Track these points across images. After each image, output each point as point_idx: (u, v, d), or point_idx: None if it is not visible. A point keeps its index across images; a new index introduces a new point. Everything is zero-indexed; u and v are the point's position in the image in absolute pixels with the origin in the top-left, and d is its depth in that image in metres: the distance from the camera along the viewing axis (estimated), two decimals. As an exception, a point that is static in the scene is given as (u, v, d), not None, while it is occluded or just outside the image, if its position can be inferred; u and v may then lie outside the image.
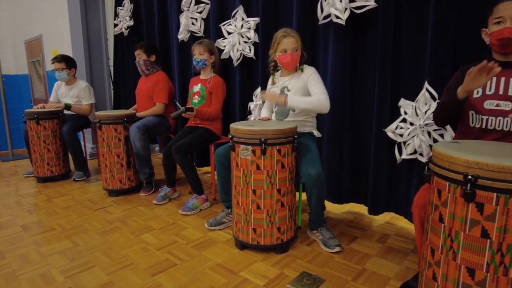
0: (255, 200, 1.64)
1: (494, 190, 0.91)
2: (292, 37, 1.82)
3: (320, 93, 1.77)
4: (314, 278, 1.48)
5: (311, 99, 1.76)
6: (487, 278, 0.95)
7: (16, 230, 2.02)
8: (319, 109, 1.76)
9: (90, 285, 1.45)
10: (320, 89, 1.79)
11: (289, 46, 1.83)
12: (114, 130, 2.53)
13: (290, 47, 1.83)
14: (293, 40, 1.82)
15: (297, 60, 1.86)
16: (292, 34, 1.83)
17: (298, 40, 1.83)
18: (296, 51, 1.84)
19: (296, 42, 1.82)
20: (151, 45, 2.86)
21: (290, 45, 1.82)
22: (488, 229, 0.93)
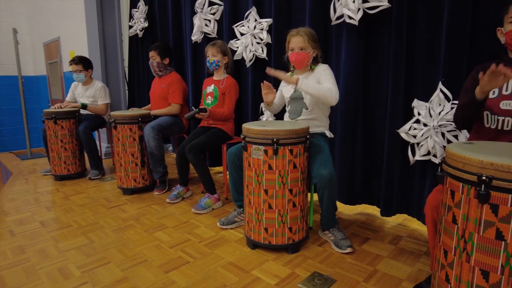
0: (266, 200, 1.66)
1: (509, 191, 0.90)
2: (300, 36, 1.83)
3: (331, 85, 1.77)
4: (326, 278, 1.49)
5: (322, 87, 1.75)
6: (502, 280, 0.94)
7: (35, 226, 2.08)
8: (327, 98, 1.73)
9: (105, 280, 1.49)
10: (331, 83, 1.78)
11: (296, 45, 1.83)
12: (129, 129, 2.58)
13: (297, 46, 1.83)
14: (300, 39, 1.82)
15: (304, 59, 1.85)
16: (301, 33, 1.83)
17: (306, 40, 1.81)
18: (303, 50, 1.84)
19: (304, 41, 1.81)
20: (165, 47, 2.88)
21: (297, 44, 1.83)
22: (503, 230, 0.92)
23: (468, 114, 1.34)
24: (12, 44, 5.29)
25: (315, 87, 1.74)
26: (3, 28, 5.60)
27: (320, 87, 1.75)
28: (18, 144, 5.94)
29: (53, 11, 5.00)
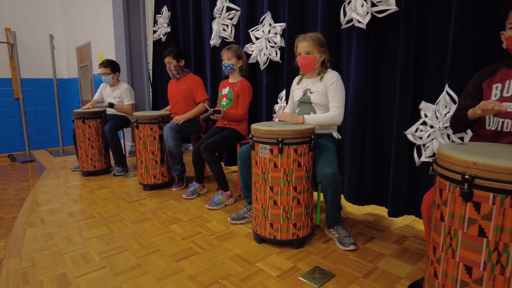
0: (272, 197, 1.74)
1: (490, 190, 0.94)
2: (306, 41, 1.90)
3: (336, 107, 1.87)
4: (326, 273, 1.55)
5: (325, 116, 1.87)
6: (484, 276, 0.97)
7: (63, 216, 2.28)
8: (332, 124, 1.90)
9: (121, 266, 1.63)
10: (338, 103, 1.87)
11: (302, 50, 1.91)
12: (149, 129, 2.75)
13: (303, 51, 1.90)
14: (306, 44, 1.89)
15: (310, 63, 1.91)
16: (307, 38, 1.90)
17: (312, 44, 1.88)
18: (309, 55, 1.90)
19: (309, 46, 1.88)
20: (178, 50, 3.03)
21: (303, 49, 1.90)
22: (485, 228, 0.96)
23: (459, 124, 1.38)
24: (49, 49, 5.68)
25: (319, 119, 1.87)
26: (41, 34, 6.03)
27: (324, 118, 1.87)
28: (53, 142, 6.36)
29: (84, 17, 5.33)
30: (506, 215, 0.92)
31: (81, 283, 1.50)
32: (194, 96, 2.98)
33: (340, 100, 1.87)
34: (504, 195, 0.92)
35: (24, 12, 5.94)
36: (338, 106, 1.86)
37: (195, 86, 2.97)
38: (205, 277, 1.53)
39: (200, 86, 2.99)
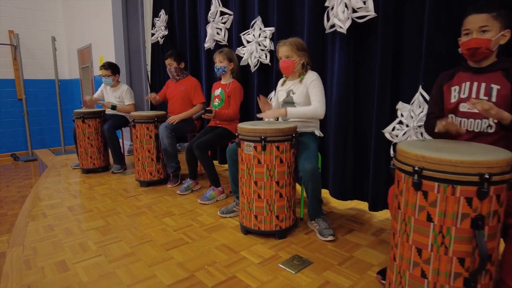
0: (256, 190, 1.87)
1: (435, 180, 1.06)
2: (285, 45, 2.03)
3: (317, 101, 1.99)
4: (304, 260, 1.68)
5: (306, 109, 2.01)
6: (431, 256, 1.10)
7: (63, 210, 2.41)
8: (314, 116, 2.03)
9: (116, 254, 1.76)
10: (318, 97, 2.00)
11: (282, 54, 2.04)
12: (146, 128, 2.88)
13: (283, 55, 2.04)
14: (285, 49, 2.03)
15: (290, 66, 2.05)
16: (286, 43, 2.03)
17: (290, 49, 2.02)
18: (289, 58, 2.04)
19: (288, 50, 2.02)
20: (179, 53, 3.19)
21: (283, 53, 2.04)
22: (432, 213, 1.08)
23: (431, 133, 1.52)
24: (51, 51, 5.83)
25: (301, 111, 2.01)
26: (44, 36, 6.19)
27: (305, 110, 2.01)
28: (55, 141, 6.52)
29: (85, 20, 5.48)
30: (448, 202, 1.05)
31: (79, 268, 1.63)
32: (191, 98, 3.11)
33: (320, 95, 2.00)
34: (446, 184, 1.04)
35: (27, 15, 6.10)
36: (319, 100, 1.99)
37: (193, 88, 3.11)
38: (192, 263, 1.66)
39: (197, 89, 3.13)
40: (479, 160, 1.01)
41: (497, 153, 1.07)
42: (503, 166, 1.03)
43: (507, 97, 1.34)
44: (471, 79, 1.43)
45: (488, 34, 1.33)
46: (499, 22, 1.32)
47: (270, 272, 1.58)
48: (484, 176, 1.00)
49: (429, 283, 1.12)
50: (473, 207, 1.03)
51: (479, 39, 1.34)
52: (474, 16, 1.35)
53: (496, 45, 1.36)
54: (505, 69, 1.37)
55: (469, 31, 1.37)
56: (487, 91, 1.37)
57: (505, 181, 1.04)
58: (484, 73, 1.41)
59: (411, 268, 1.16)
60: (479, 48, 1.34)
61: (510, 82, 1.34)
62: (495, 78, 1.37)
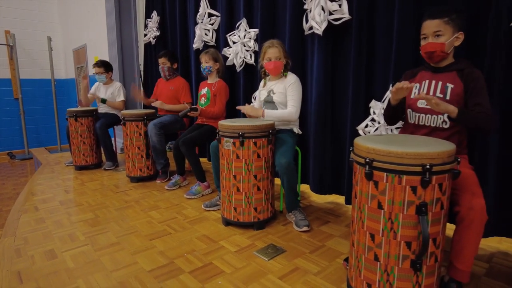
0: (235, 184, 1.97)
1: (384, 170, 1.17)
2: (275, 47, 2.13)
3: (293, 105, 2.13)
4: (277, 249, 1.78)
5: (282, 113, 2.14)
6: (383, 241, 1.21)
7: (55, 204, 2.52)
8: (288, 120, 2.17)
9: (102, 243, 1.87)
10: (295, 102, 2.13)
11: (273, 55, 2.14)
12: (135, 126, 2.98)
13: (274, 56, 2.14)
14: (276, 50, 2.13)
15: (280, 67, 2.16)
16: (276, 45, 2.14)
17: (281, 50, 2.13)
18: (279, 59, 2.15)
19: (279, 52, 2.13)
20: (173, 54, 3.32)
21: (273, 54, 2.14)
22: (382, 201, 1.19)
23: (388, 114, 1.61)
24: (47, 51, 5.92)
25: (277, 114, 2.14)
26: (40, 36, 6.29)
27: (281, 114, 2.14)
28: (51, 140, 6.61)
29: (80, 20, 5.57)
30: (395, 191, 1.16)
31: (66, 256, 1.73)
32: (180, 97, 3.22)
33: (296, 100, 2.11)
34: (394, 174, 1.15)
35: (23, 15, 6.19)
36: (294, 104, 2.11)
37: (182, 88, 3.23)
38: (173, 252, 1.77)
39: (186, 89, 3.26)
40: (421, 152, 1.12)
41: (439, 145, 1.18)
42: (444, 158, 1.14)
43: (460, 96, 1.45)
44: (430, 77, 1.54)
45: (442, 38, 1.44)
46: (451, 26, 1.43)
47: (245, 259, 1.68)
48: (426, 167, 1.11)
49: (381, 266, 1.23)
50: (417, 195, 1.14)
51: (433, 43, 1.45)
52: (428, 21, 1.45)
53: (451, 47, 1.47)
54: (460, 70, 1.48)
55: (425, 36, 1.48)
56: (443, 89, 1.48)
57: (446, 171, 1.15)
58: (441, 73, 1.52)
59: (366, 252, 1.26)
60: (434, 51, 1.45)
61: (463, 82, 1.45)
62: (451, 78, 1.48)
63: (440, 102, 1.32)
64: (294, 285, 1.47)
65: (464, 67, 1.47)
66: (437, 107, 1.34)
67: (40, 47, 6.30)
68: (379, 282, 1.24)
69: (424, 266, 1.20)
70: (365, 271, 1.28)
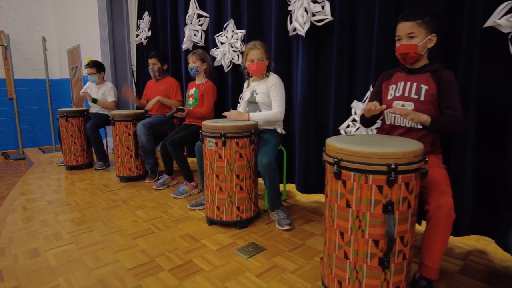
0: (218, 183, 2.00)
1: (351, 169, 1.20)
2: (257, 49, 2.16)
3: (277, 106, 2.15)
4: (258, 247, 1.81)
5: (267, 114, 2.15)
6: (351, 239, 1.24)
7: (43, 204, 2.54)
8: (274, 120, 2.18)
9: (86, 242, 1.90)
10: (278, 102, 2.15)
11: (255, 57, 2.17)
12: (125, 126, 3.01)
13: (256, 57, 2.17)
14: (258, 52, 2.16)
15: (262, 68, 2.19)
16: (258, 46, 2.16)
17: (263, 52, 2.16)
18: (262, 61, 2.17)
19: (261, 53, 2.15)
20: (164, 55, 3.36)
21: (256, 56, 2.16)
22: (350, 200, 1.22)
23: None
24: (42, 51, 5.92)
25: (262, 116, 2.15)
26: (34, 36, 6.30)
27: (266, 115, 2.15)
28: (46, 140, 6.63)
29: (74, 21, 5.59)
30: (362, 190, 1.18)
31: (49, 255, 1.76)
32: (171, 96, 3.25)
33: (280, 100, 2.14)
34: (360, 173, 1.18)
35: (18, 16, 6.20)
36: (279, 105, 2.13)
37: (172, 87, 3.27)
38: (155, 250, 1.79)
39: (176, 88, 3.30)
40: (387, 152, 1.15)
41: (406, 145, 1.21)
42: (410, 157, 1.17)
43: (434, 97, 1.48)
44: (406, 79, 1.57)
45: (415, 40, 1.47)
46: (424, 28, 1.46)
47: (225, 257, 1.71)
48: (391, 166, 1.14)
49: (351, 263, 1.25)
50: (384, 194, 1.17)
51: (407, 45, 1.47)
52: (402, 24, 1.48)
53: (424, 49, 1.50)
54: (433, 71, 1.51)
55: (400, 37, 1.50)
56: (417, 91, 1.51)
57: (413, 170, 1.18)
58: (416, 74, 1.55)
59: (336, 250, 1.29)
60: (408, 53, 1.48)
61: (436, 83, 1.48)
62: (425, 79, 1.51)
63: (414, 116, 1.36)
64: (270, 282, 1.50)
65: (437, 69, 1.50)
66: (412, 121, 1.39)
67: (35, 47, 6.31)
68: (349, 280, 1.27)
69: (392, 263, 1.22)
70: (336, 268, 1.30)
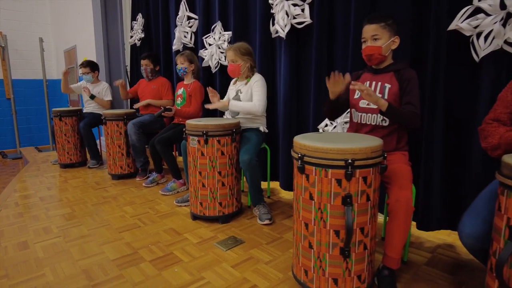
0: (201, 180, 2.09)
1: (313, 164, 1.28)
2: (231, 51, 2.26)
3: (257, 99, 2.22)
4: (237, 240, 1.90)
5: (246, 104, 2.23)
6: (315, 230, 1.32)
7: (35, 200, 2.63)
8: (251, 112, 2.24)
9: (74, 235, 1.99)
10: (259, 96, 2.22)
11: (229, 58, 2.27)
12: (116, 125, 3.10)
13: (229, 59, 2.27)
14: (231, 53, 2.25)
15: (236, 69, 2.27)
16: (232, 48, 2.25)
17: (236, 54, 2.24)
18: (235, 62, 2.26)
19: (233, 55, 2.24)
20: (156, 56, 3.46)
21: (229, 57, 2.26)
22: (312, 193, 1.30)
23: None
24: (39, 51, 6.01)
25: (241, 105, 2.24)
26: (32, 37, 6.39)
27: (245, 105, 2.23)
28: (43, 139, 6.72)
29: (71, 22, 5.69)
30: (323, 183, 1.27)
31: (38, 247, 1.85)
32: (162, 96, 3.35)
33: (260, 95, 2.22)
34: (321, 168, 1.26)
35: (16, 17, 6.29)
36: (259, 99, 2.21)
37: (163, 86, 3.36)
38: (138, 243, 1.88)
39: (167, 87, 3.39)
40: (344, 147, 1.23)
41: (364, 142, 1.29)
42: (368, 153, 1.25)
43: (397, 95, 1.57)
44: (371, 78, 1.65)
45: (379, 41, 1.55)
46: (387, 31, 1.54)
47: (204, 250, 1.80)
48: (348, 161, 1.22)
49: (315, 253, 1.34)
50: (342, 187, 1.25)
51: (372, 47, 1.56)
52: (367, 26, 1.57)
53: (388, 50, 1.59)
54: (396, 70, 1.59)
55: (365, 39, 1.59)
56: (382, 89, 1.60)
57: (370, 165, 1.26)
58: (380, 74, 1.63)
59: (302, 240, 1.38)
60: (373, 54, 1.57)
61: (398, 82, 1.56)
62: (388, 78, 1.60)
63: (371, 93, 1.43)
64: (244, 272, 1.59)
65: (400, 68, 1.58)
66: (369, 98, 1.45)
67: (32, 48, 6.40)
68: (313, 268, 1.36)
69: (353, 253, 1.31)
70: (302, 258, 1.39)
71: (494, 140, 1.25)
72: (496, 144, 1.24)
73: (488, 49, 1.54)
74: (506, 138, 1.19)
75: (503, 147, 1.21)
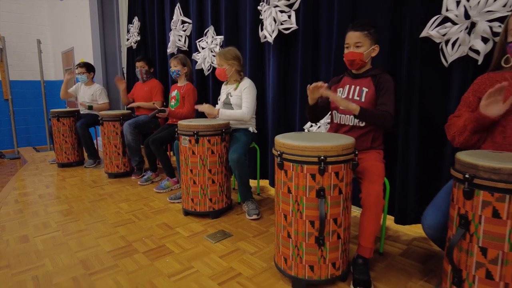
0: (192, 177, 2.21)
1: (291, 161, 1.41)
2: (218, 56, 2.39)
3: (246, 107, 2.34)
4: (225, 234, 2.02)
5: (235, 113, 2.35)
6: (293, 220, 1.45)
7: (34, 197, 2.75)
8: (240, 119, 2.35)
9: (72, 230, 2.10)
10: (248, 103, 2.34)
11: (216, 62, 2.41)
12: (112, 125, 3.22)
13: (217, 63, 2.40)
14: (217, 58, 2.39)
15: (222, 73, 2.40)
16: (219, 53, 2.38)
17: (222, 58, 2.36)
18: (221, 66, 2.39)
19: (220, 59, 2.37)
20: (150, 59, 3.58)
21: (217, 61, 2.41)
22: (290, 187, 1.43)
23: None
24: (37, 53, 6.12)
25: (230, 114, 2.35)
26: (30, 39, 6.49)
27: (234, 113, 2.34)
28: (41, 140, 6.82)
29: (68, 24, 5.79)
30: (299, 178, 1.40)
31: (37, 241, 1.97)
32: (152, 96, 3.47)
33: (249, 102, 2.34)
34: (297, 164, 1.39)
35: (14, 19, 6.39)
36: (247, 106, 2.34)
37: (154, 88, 3.48)
38: (133, 236, 2.00)
39: (158, 89, 3.51)
40: (317, 145, 1.36)
41: (337, 140, 1.42)
42: (339, 150, 1.38)
43: (373, 98, 1.70)
44: (351, 83, 1.78)
45: (361, 48, 1.68)
46: (369, 39, 1.67)
47: (194, 242, 1.92)
48: (321, 158, 1.35)
49: (293, 241, 1.46)
50: (316, 181, 1.38)
51: (354, 53, 1.68)
52: (351, 33, 1.69)
53: (369, 57, 1.71)
54: (374, 75, 1.72)
55: (348, 45, 1.71)
56: (359, 93, 1.73)
57: (341, 161, 1.39)
58: (359, 78, 1.76)
59: (282, 230, 1.50)
60: (354, 60, 1.69)
61: (375, 86, 1.69)
62: (366, 83, 1.73)
63: (341, 100, 1.57)
64: (231, 262, 1.71)
65: (378, 73, 1.71)
66: (340, 104, 1.59)
67: (30, 50, 6.50)
68: (292, 256, 1.48)
69: (328, 242, 1.44)
70: (282, 247, 1.51)
71: (459, 123, 1.37)
72: (462, 126, 1.36)
73: (455, 55, 1.67)
74: (470, 117, 1.32)
75: (469, 127, 1.33)
